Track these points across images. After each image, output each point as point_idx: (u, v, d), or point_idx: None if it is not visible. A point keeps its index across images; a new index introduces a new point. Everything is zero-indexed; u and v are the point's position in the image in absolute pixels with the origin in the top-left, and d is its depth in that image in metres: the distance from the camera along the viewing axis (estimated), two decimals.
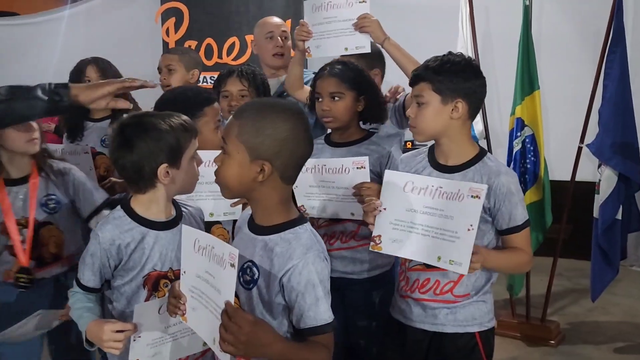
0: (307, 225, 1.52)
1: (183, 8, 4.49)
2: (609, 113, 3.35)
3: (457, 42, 3.76)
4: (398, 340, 1.99)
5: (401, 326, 1.97)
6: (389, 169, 2.06)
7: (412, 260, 1.88)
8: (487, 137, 3.73)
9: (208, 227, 2.03)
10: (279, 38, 3.00)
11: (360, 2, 2.40)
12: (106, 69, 2.93)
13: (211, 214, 2.06)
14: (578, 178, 3.57)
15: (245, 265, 1.50)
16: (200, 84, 4.41)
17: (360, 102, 2.24)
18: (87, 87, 1.87)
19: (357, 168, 2.08)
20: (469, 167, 1.88)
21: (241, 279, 1.51)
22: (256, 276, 1.48)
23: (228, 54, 4.44)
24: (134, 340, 1.65)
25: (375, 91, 2.31)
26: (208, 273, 1.42)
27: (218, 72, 3.62)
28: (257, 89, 2.58)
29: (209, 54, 4.46)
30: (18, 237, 2.12)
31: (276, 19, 3.09)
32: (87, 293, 1.76)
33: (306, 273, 1.42)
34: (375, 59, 2.62)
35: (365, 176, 2.06)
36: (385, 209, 1.83)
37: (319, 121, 2.38)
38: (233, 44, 4.39)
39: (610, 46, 3.33)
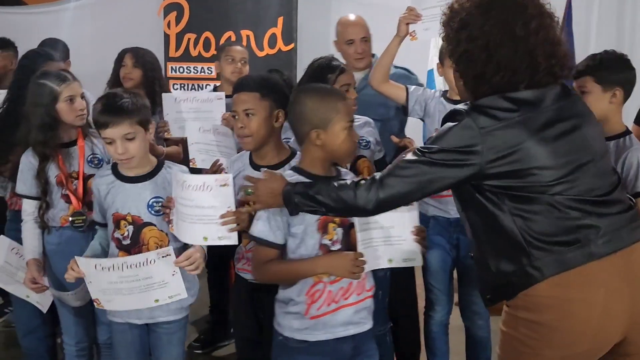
0: None
1: (184, 3, 4.85)
2: None
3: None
4: None
5: None
6: None
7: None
8: None
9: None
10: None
11: None
12: (143, 57, 3.42)
13: (205, 238, 2.13)
14: None
15: None
16: (199, 73, 4.84)
17: None
18: None
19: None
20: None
21: None
22: None
23: None
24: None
25: None
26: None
27: (215, 64, 4.03)
28: None
29: (207, 46, 4.82)
30: (72, 186, 2.58)
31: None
32: None
33: None
34: None
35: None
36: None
37: None
38: (229, 38, 4.73)
39: None
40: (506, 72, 1.72)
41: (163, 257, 2.14)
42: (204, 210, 2.07)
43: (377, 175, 1.80)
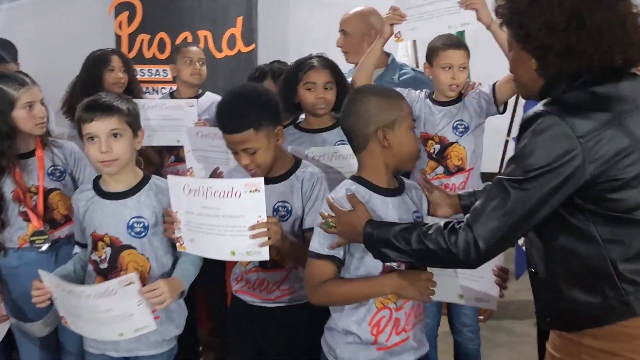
0: None
1: (136, 2, 4.61)
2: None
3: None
4: None
5: None
6: None
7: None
8: None
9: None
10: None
11: None
12: (128, 61, 3.23)
13: (232, 253, 1.89)
14: None
15: None
16: (154, 76, 4.59)
17: None
18: None
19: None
20: None
21: None
22: None
23: None
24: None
25: (344, 82, 2.53)
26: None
27: (170, 66, 3.81)
28: None
29: (161, 47, 4.59)
30: (31, 203, 2.34)
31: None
32: None
33: None
34: None
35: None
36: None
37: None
38: (185, 39, 4.51)
39: None
40: (602, 42, 1.46)
41: (126, 285, 1.87)
42: (232, 220, 1.82)
43: (469, 220, 1.52)
